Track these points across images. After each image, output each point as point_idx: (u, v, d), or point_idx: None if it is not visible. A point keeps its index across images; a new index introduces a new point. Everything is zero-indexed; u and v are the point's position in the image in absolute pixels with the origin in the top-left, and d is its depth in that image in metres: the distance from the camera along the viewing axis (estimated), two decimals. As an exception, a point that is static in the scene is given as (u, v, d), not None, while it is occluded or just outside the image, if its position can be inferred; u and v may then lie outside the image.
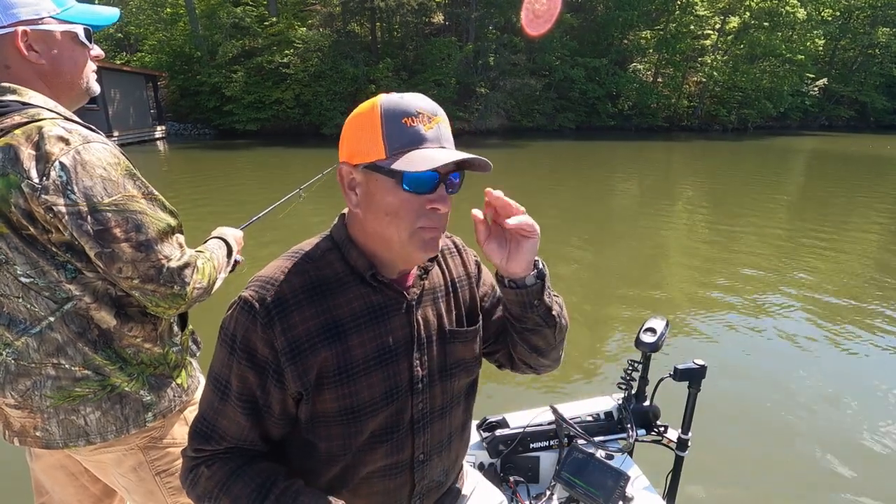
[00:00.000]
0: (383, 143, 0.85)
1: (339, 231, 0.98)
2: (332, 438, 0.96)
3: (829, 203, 11.33)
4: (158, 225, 1.20)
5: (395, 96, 0.88)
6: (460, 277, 1.12)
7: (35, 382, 1.22)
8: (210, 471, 0.94)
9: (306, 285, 0.92)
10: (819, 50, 36.54)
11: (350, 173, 0.91)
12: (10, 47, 1.14)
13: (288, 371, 0.90)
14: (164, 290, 1.21)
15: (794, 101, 35.52)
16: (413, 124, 0.85)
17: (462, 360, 1.09)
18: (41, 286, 1.17)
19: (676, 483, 1.73)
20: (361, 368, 0.94)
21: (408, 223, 0.88)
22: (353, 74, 25.32)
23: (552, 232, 8.68)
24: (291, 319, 0.89)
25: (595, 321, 5.19)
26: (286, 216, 2.82)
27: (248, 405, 0.92)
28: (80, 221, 1.10)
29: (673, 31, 31.81)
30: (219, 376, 0.94)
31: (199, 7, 26.91)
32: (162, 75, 25.93)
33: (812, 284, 6.18)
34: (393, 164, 0.83)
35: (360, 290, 0.95)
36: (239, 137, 24.20)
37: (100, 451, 1.33)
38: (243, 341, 0.90)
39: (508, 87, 28.39)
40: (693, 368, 1.60)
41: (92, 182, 1.11)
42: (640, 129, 31.73)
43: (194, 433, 0.96)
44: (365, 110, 0.88)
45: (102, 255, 1.14)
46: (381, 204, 0.88)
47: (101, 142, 1.16)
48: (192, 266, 1.26)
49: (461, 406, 1.13)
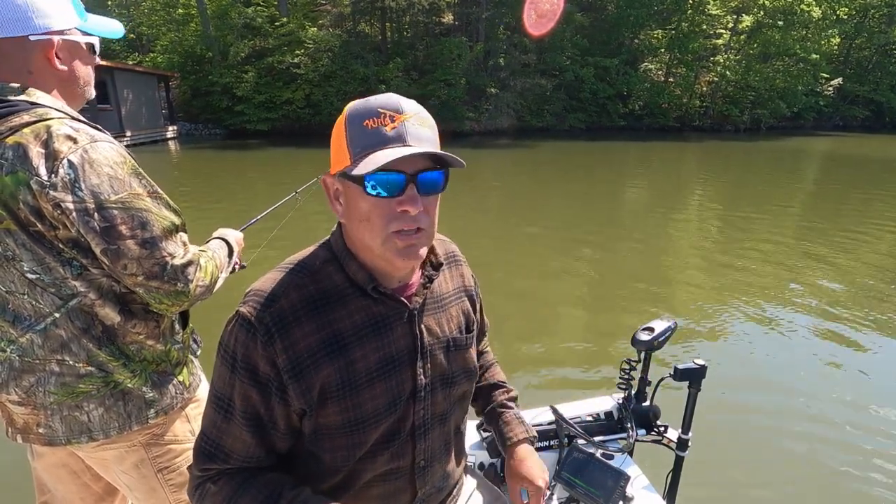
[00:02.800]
0: (348, 149, 0.84)
1: (338, 242, 0.96)
2: (336, 450, 0.95)
3: (842, 207, 11.14)
4: (163, 223, 1.21)
5: (363, 100, 0.87)
6: (461, 286, 1.13)
7: (39, 379, 1.24)
8: (217, 486, 0.93)
9: (306, 299, 0.91)
10: (834, 49, 36.10)
11: (333, 184, 0.91)
12: (39, 54, 1.18)
13: (291, 388, 0.88)
14: (168, 287, 1.22)
15: (808, 101, 35.12)
16: (374, 126, 0.83)
17: (464, 367, 1.09)
18: (47, 282, 1.18)
19: (676, 483, 1.72)
20: (364, 380, 0.93)
21: (379, 228, 0.86)
22: (363, 74, 25.40)
23: (560, 233, 8.66)
24: (292, 336, 0.88)
25: (598, 322, 5.18)
26: (291, 218, 2.86)
27: (253, 422, 0.91)
28: (87, 218, 1.12)
29: (685, 30, 31.57)
30: (221, 395, 0.92)
31: (210, 7, 27.11)
32: (174, 75, 26.17)
33: (825, 289, 6.11)
34: (354, 170, 0.81)
35: (362, 303, 0.94)
36: (249, 137, 24.35)
37: (102, 448, 1.34)
38: (244, 359, 0.88)
39: (519, 88, 28.35)
40: (693, 368, 1.59)
41: (99, 180, 1.13)
42: (650, 129, 31.52)
43: (199, 452, 0.95)
44: (340, 117, 0.88)
45: (108, 252, 1.16)
46: (355, 211, 0.88)
47: (107, 141, 1.18)
48: (195, 264, 1.27)
49: (460, 411, 1.14)
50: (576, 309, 5.51)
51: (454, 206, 10.04)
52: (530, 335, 4.73)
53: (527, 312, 5.30)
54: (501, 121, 28.00)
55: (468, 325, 1.12)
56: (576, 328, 5.05)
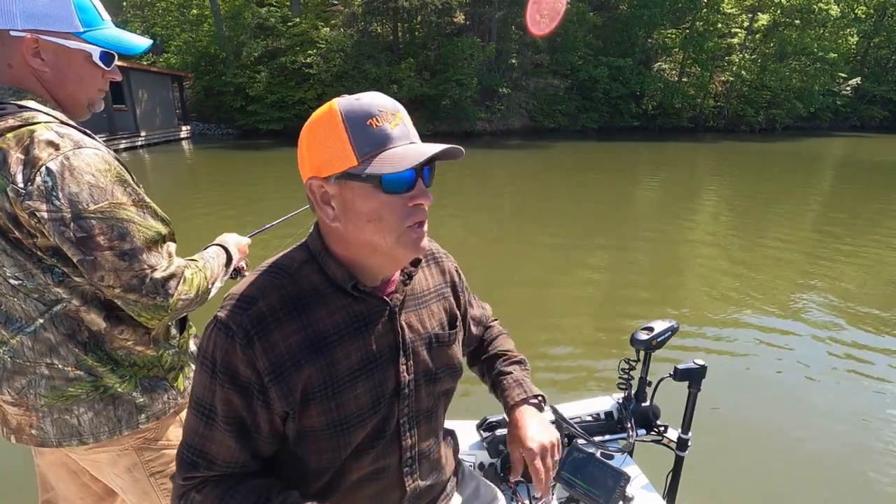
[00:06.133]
0: (353, 150, 0.83)
1: (315, 242, 0.95)
2: (322, 452, 0.95)
3: (859, 211, 10.91)
4: (146, 233, 1.18)
5: (350, 99, 0.86)
6: (442, 283, 1.13)
7: (30, 381, 1.23)
8: (201, 495, 0.92)
9: (284, 300, 0.90)
10: (852, 48, 35.59)
11: (321, 187, 0.88)
12: (18, 50, 1.16)
13: (272, 391, 0.87)
14: (147, 301, 1.18)
15: (825, 101, 34.66)
16: (379, 125, 0.83)
17: (447, 364, 1.09)
18: (30, 288, 1.17)
19: (676, 483, 1.71)
20: (347, 380, 0.93)
21: (394, 225, 0.87)
22: (375, 75, 25.47)
23: (571, 233, 8.63)
24: (272, 338, 0.87)
25: (603, 323, 5.15)
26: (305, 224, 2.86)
27: (236, 427, 0.90)
28: (63, 228, 1.09)
29: (700, 29, 31.29)
30: (201, 401, 0.91)
31: (223, 8, 27.36)
32: (187, 76, 26.45)
33: (837, 293, 6.03)
34: (367, 169, 0.82)
35: (342, 302, 0.93)
36: (262, 137, 24.52)
37: (94, 451, 1.34)
38: (224, 364, 0.87)
39: (531, 88, 28.27)
40: (693, 368, 1.57)
41: (78, 188, 1.10)
42: (664, 129, 31.30)
43: (182, 462, 0.94)
44: (322, 119, 0.86)
45: (85, 263, 1.13)
46: (361, 211, 0.86)
47: (93, 147, 1.15)
48: (177, 277, 1.22)
49: (442, 407, 1.13)
50: (582, 308, 5.48)
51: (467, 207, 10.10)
52: (533, 335, 4.72)
53: (530, 312, 5.28)
54: (513, 121, 27.95)
55: (451, 321, 1.12)
56: (581, 327, 5.02)
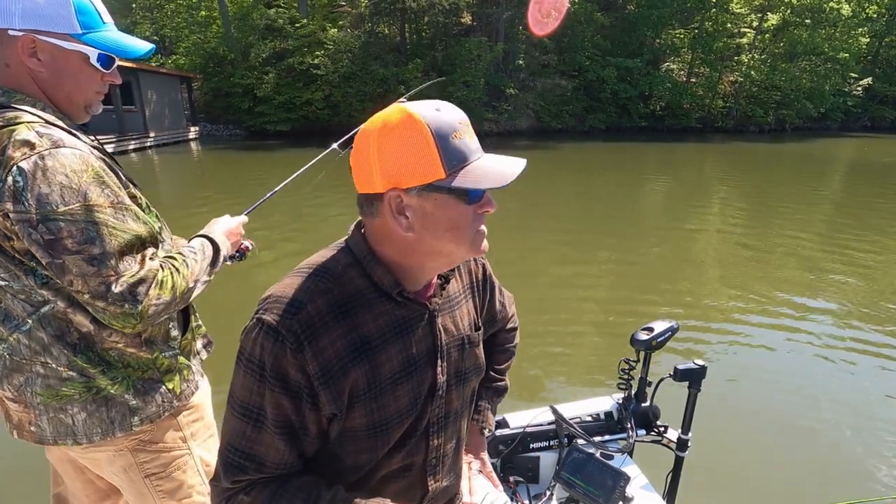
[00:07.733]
0: (442, 163, 0.84)
1: (360, 246, 0.95)
2: (360, 452, 0.97)
3: (870, 214, 10.79)
4: (121, 237, 1.14)
5: (430, 109, 0.85)
6: (471, 283, 1.16)
7: (27, 379, 1.24)
8: (250, 497, 0.92)
9: (331, 305, 0.90)
10: (863, 48, 35.23)
11: (398, 197, 0.87)
12: (14, 49, 1.16)
13: (322, 394, 0.89)
14: (114, 309, 1.13)
15: (836, 102, 34.34)
16: (461, 138, 0.86)
17: (475, 364, 1.12)
18: (16, 290, 1.18)
19: (676, 483, 1.70)
20: (389, 383, 0.95)
21: (470, 232, 0.91)
22: (382, 75, 25.51)
23: (575, 234, 8.61)
24: (321, 343, 0.88)
25: (606, 324, 5.14)
26: (310, 221, 2.87)
27: (286, 430, 0.90)
28: (30, 230, 1.08)
29: (708, 29, 31.09)
30: (248, 404, 0.90)
31: (231, 9, 27.49)
32: (196, 77, 26.58)
33: (842, 299, 5.99)
34: (455, 182, 0.84)
35: (386, 307, 0.95)
36: (270, 138, 24.61)
37: (90, 451, 1.34)
38: (274, 368, 0.87)
39: (538, 88, 28.21)
40: (693, 369, 1.57)
41: (49, 189, 1.07)
42: (672, 130, 31.10)
43: (228, 465, 0.93)
44: (402, 128, 0.84)
45: (52, 266, 1.11)
46: (441, 221, 0.88)
47: (72, 147, 1.13)
48: (147, 282, 1.16)
49: (467, 413, 1.16)
50: (584, 308, 5.48)
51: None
52: (535, 334, 4.72)
53: (533, 311, 5.28)
54: (520, 122, 27.89)
55: (477, 321, 1.15)
56: (582, 328, 5.03)
